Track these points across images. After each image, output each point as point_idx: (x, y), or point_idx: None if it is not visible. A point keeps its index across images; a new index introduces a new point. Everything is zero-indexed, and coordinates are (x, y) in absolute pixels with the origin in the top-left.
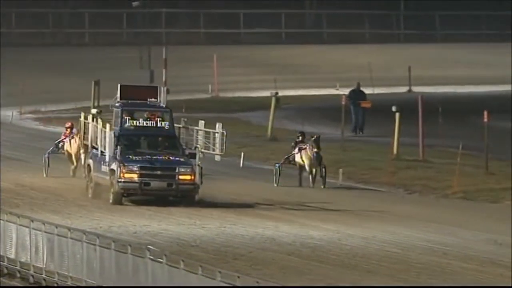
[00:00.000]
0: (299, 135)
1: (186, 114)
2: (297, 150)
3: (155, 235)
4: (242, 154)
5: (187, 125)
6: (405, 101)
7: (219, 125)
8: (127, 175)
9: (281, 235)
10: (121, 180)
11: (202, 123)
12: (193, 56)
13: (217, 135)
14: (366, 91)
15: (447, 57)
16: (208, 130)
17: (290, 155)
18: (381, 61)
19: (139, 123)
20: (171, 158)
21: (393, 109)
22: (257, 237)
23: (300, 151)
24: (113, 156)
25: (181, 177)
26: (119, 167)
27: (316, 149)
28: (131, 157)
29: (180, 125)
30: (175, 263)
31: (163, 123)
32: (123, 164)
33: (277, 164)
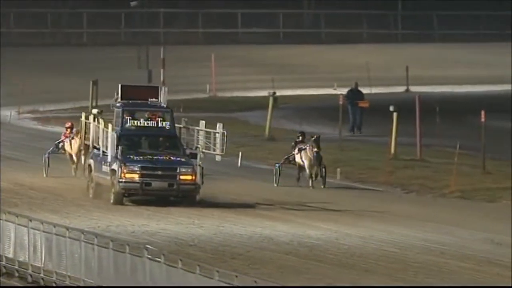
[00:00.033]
0: (299, 135)
1: (184, 113)
2: (297, 150)
3: (153, 234)
4: (240, 153)
5: (187, 125)
6: (402, 100)
7: (220, 125)
8: (128, 175)
9: (279, 234)
10: (122, 180)
11: (202, 123)
12: (191, 56)
13: (217, 135)
14: (363, 90)
15: (445, 57)
16: (208, 130)
17: (290, 155)
18: (379, 61)
19: (140, 123)
20: (172, 158)
21: (391, 108)
22: (255, 236)
23: (300, 151)
24: (114, 156)
25: (182, 177)
26: (120, 167)
27: (316, 149)
28: (132, 157)
29: (180, 125)
30: (173, 262)
31: (164, 123)
32: (124, 164)
33: (277, 164)
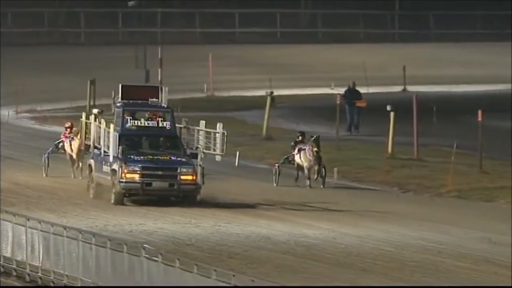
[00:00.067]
0: (299, 135)
1: (181, 113)
2: (296, 150)
3: (150, 233)
4: (237, 153)
5: (188, 125)
6: (399, 100)
7: (220, 125)
8: (128, 175)
9: (276, 233)
10: (123, 180)
11: (203, 123)
12: (189, 55)
13: (217, 135)
14: (361, 90)
15: (442, 57)
16: (209, 130)
17: (289, 155)
18: (376, 60)
19: (141, 123)
20: (172, 158)
21: (388, 108)
22: (252, 236)
23: (299, 151)
24: (115, 156)
25: (182, 177)
26: (121, 167)
27: (316, 149)
28: (132, 157)
29: (181, 125)
30: (171, 261)
31: (165, 123)
32: (125, 164)
33: (276, 164)
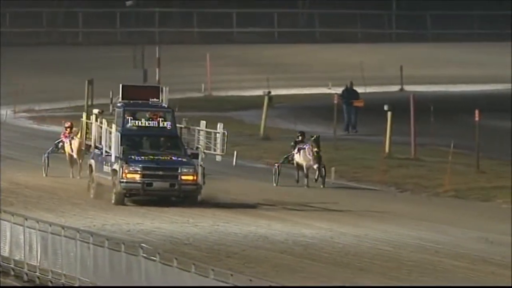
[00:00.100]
0: (299, 135)
1: (179, 113)
2: (296, 150)
3: (148, 233)
4: (235, 153)
5: (188, 125)
6: (397, 100)
7: (220, 125)
8: (129, 176)
9: (274, 233)
10: (124, 180)
11: (203, 123)
12: (186, 55)
13: (218, 135)
14: (358, 90)
15: (439, 57)
16: (209, 130)
17: (289, 154)
18: (373, 60)
19: (141, 123)
20: (173, 158)
21: (385, 108)
22: (250, 235)
23: (299, 151)
24: (115, 156)
25: (183, 178)
26: (122, 167)
27: (316, 149)
28: (133, 157)
29: (181, 125)
30: (168, 261)
31: (165, 123)
32: (126, 164)
33: (276, 164)
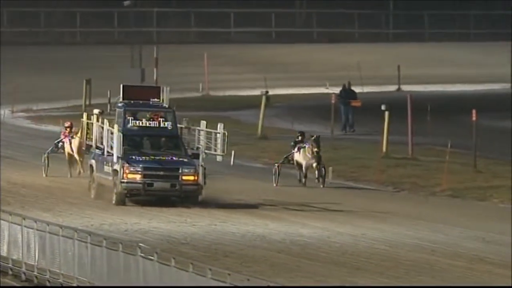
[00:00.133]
0: (299, 135)
1: (177, 112)
2: (296, 149)
3: (146, 232)
4: (232, 152)
5: (189, 125)
6: (394, 99)
7: (221, 126)
8: (130, 176)
9: (272, 232)
10: (124, 180)
11: (203, 123)
12: (184, 55)
13: (218, 135)
14: (355, 90)
15: (436, 56)
16: (210, 130)
17: (289, 154)
18: (370, 60)
19: (142, 123)
20: (174, 158)
21: (383, 107)
22: (247, 234)
23: (299, 150)
24: (116, 156)
25: (184, 178)
26: (122, 168)
27: (316, 149)
28: (134, 157)
29: (182, 125)
30: (166, 260)
31: (166, 123)
32: (126, 164)
33: (276, 164)
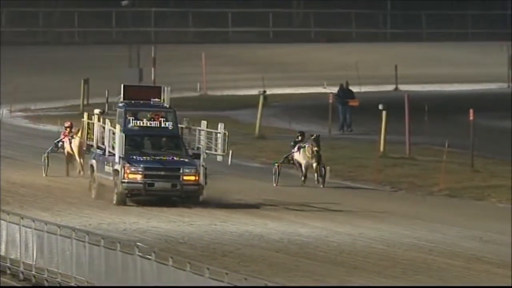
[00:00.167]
0: (299, 135)
1: None
2: (296, 149)
3: (144, 232)
4: (230, 152)
5: (189, 125)
6: (391, 99)
7: (221, 126)
8: (131, 176)
9: (270, 232)
10: (125, 180)
11: (204, 123)
12: (182, 54)
13: (219, 135)
14: (353, 89)
15: (434, 56)
16: (210, 130)
17: (289, 153)
18: (368, 59)
19: (143, 123)
20: (175, 158)
21: (380, 107)
22: (245, 234)
23: (299, 149)
24: (120, 156)
25: (185, 178)
26: (123, 168)
27: (316, 148)
28: (135, 157)
29: (182, 125)
30: (164, 260)
31: (167, 123)
32: (127, 164)
33: (276, 164)
